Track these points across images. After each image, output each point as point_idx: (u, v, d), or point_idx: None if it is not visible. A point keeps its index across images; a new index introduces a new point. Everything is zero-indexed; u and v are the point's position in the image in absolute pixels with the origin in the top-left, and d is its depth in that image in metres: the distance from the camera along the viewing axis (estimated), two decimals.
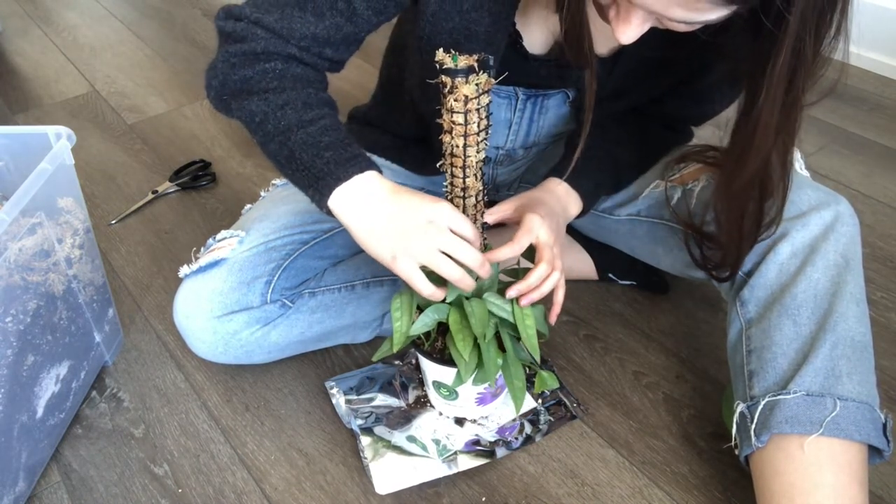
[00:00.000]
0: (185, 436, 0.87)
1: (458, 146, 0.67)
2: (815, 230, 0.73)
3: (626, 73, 0.79)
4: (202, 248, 0.86)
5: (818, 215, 0.74)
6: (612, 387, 0.91)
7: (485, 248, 0.76)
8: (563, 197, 0.82)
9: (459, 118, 0.64)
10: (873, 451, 0.70)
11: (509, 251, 0.71)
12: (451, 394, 0.81)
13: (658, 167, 0.90)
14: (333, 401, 0.88)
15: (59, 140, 0.79)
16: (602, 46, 0.77)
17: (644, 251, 0.93)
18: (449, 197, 0.72)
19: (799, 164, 0.84)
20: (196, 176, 1.29)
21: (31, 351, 0.75)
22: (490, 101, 0.65)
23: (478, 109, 0.64)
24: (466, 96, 0.63)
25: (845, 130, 1.43)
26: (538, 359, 0.72)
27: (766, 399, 0.71)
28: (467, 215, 0.73)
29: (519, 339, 0.73)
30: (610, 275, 1.04)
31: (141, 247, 1.15)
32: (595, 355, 0.96)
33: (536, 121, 0.93)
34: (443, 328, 0.77)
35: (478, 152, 0.68)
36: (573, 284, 1.05)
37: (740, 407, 0.74)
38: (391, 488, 0.79)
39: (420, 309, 0.75)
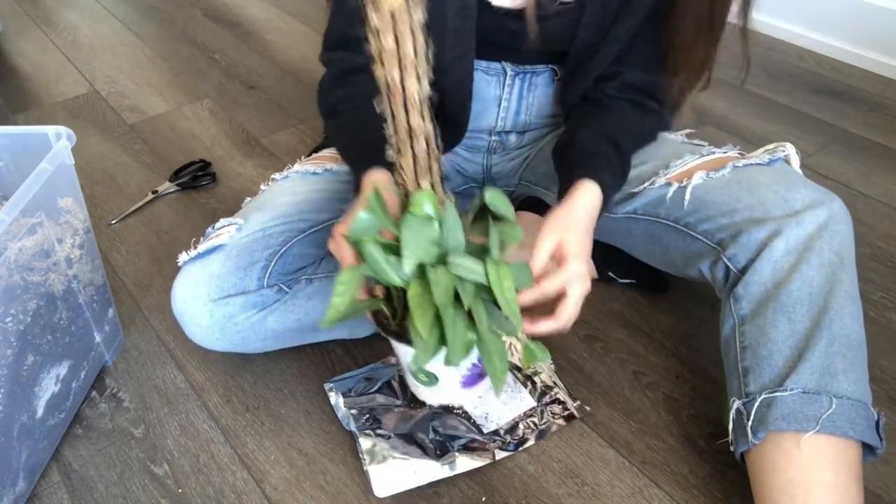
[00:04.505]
0: (185, 436, 0.87)
1: (393, 78, 0.55)
2: (810, 228, 0.74)
3: (597, 18, 0.80)
4: (202, 239, 0.86)
5: (812, 213, 0.74)
6: (612, 387, 0.91)
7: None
8: (591, 206, 0.76)
9: (389, 41, 0.53)
10: (866, 448, 0.70)
11: (554, 325, 0.69)
12: (431, 379, 0.74)
13: (653, 164, 0.90)
14: (332, 402, 0.88)
15: (59, 140, 0.79)
16: None
17: (641, 249, 0.93)
18: (394, 141, 0.61)
19: (794, 162, 0.85)
20: (196, 176, 1.29)
21: (31, 351, 0.76)
22: (426, 20, 0.54)
23: (411, 30, 0.53)
24: (392, 12, 0.52)
25: (845, 130, 1.43)
26: (520, 327, 0.63)
27: (763, 396, 0.71)
28: (419, 165, 0.62)
29: (498, 305, 0.63)
30: (609, 273, 1.04)
31: (141, 247, 1.15)
32: (595, 355, 0.96)
33: (526, 97, 0.93)
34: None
35: (420, 84, 0.56)
36: None
37: (736, 404, 0.74)
38: (390, 491, 0.79)
39: (374, 293, 0.68)
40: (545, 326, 0.69)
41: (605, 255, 1.03)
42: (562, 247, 0.70)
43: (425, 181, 0.63)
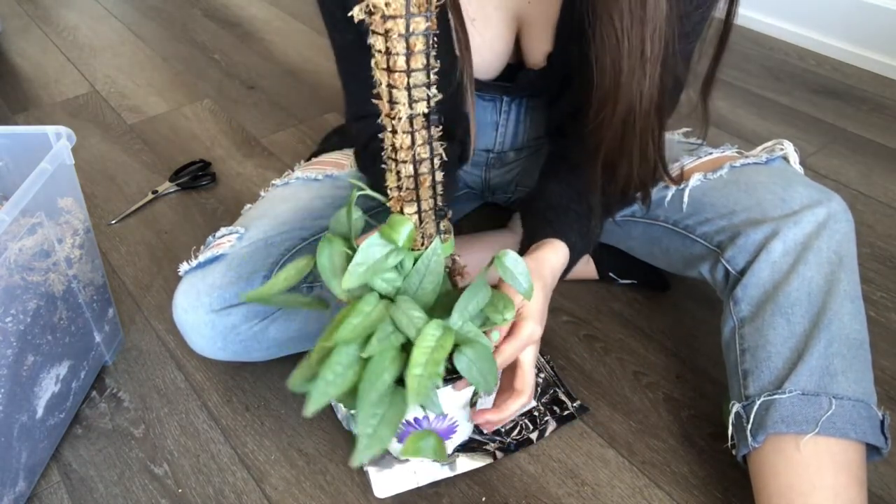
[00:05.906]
0: (185, 436, 0.87)
1: (381, 83, 0.48)
2: (808, 228, 0.73)
3: (564, 63, 0.79)
4: (202, 247, 0.86)
5: (811, 213, 0.74)
6: (612, 387, 0.91)
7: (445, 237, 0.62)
8: (557, 266, 0.74)
9: (379, 42, 0.45)
10: (872, 448, 0.70)
11: (524, 400, 0.66)
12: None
13: None
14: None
15: (59, 140, 0.79)
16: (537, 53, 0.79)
17: (641, 251, 0.93)
18: (385, 155, 0.55)
19: (793, 160, 0.85)
20: (196, 176, 1.29)
21: (31, 351, 0.76)
22: (431, 29, 0.46)
23: (407, 37, 0.44)
24: (382, 8, 0.43)
25: (845, 130, 1.43)
26: (414, 406, 0.51)
27: (762, 399, 0.71)
28: (402, 187, 0.55)
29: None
30: (610, 273, 1.04)
31: (141, 247, 1.15)
32: (595, 355, 0.96)
33: (523, 121, 0.93)
34: None
35: (411, 101, 0.48)
36: (573, 284, 1.05)
37: (736, 407, 0.74)
38: (390, 492, 0.79)
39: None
40: (515, 406, 0.66)
41: (605, 256, 1.03)
42: (520, 308, 0.66)
43: (409, 208, 0.56)
